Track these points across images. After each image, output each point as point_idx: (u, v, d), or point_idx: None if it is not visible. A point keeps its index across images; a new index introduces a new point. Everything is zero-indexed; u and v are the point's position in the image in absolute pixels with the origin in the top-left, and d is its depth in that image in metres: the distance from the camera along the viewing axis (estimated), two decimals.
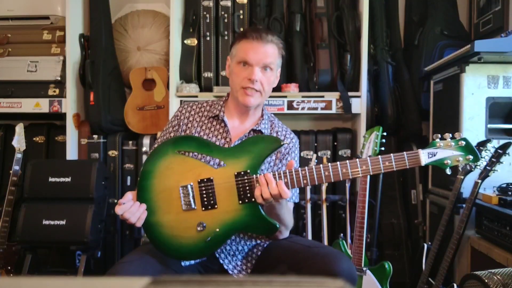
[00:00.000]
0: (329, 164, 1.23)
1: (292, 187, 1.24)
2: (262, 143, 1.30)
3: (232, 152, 1.31)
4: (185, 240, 1.26)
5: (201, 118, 1.49)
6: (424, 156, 1.22)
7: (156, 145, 1.39)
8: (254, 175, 1.25)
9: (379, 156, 1.22)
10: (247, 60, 1.40)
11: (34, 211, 2.31)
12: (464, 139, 1.23)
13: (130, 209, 1.24)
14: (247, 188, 1.25)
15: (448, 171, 1.24)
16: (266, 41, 1.41)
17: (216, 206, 1.26)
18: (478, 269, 1.32)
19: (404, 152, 1.22)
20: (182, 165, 1.30)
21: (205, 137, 1.45)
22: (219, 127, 1.47)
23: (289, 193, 1.22)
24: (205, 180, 1.27)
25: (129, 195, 1.27)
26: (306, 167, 1.24)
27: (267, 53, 1.40)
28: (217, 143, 1.44)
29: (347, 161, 1.23)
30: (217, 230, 1.25)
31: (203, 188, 1.27)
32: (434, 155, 1.22)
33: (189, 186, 1.27)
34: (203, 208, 1.26)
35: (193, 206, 1.26)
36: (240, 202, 1.25)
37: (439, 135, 1.25)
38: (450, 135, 1.24)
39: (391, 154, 1.22)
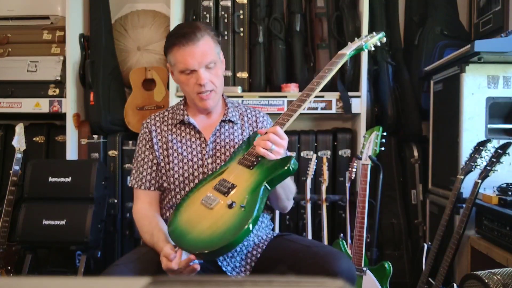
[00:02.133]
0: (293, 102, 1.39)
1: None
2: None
3: (227, 162, 1.39)
4: (230, 223, 1.20)
5: (168, 127, 1.51)
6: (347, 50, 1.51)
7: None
8: (250, 149, 1.34)
9: (320, 73, 1.42)
10: (189, 67, 1.40)
11: (34, 211, 2.31)
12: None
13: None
14: (251, 158, 1.31)
15: (371, 48, 1.55)
16: (197, 40, 1.38)
17: (235, 185, 1.28)
18: (478, 269, 1.31)
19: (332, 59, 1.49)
20: (198, 192, 1.34)
21: (179, 144, 1.48)
22: (189, 130, 1.50)
23: (278, 128, 1.29)
24: (219, 182, 1.31)
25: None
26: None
27: (204, 53, 1.39)
28: (193, 145, 1.48)
29: (304, 92, 1.43)
30: (246, 196, 1.23)
31: (219, 186, 1.30)
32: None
33: (207, 194, 1.29)
34: (226, 195, 1.26)
35: (217, 200, 1.26)
36: (251, 168, 1.29)
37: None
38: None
39: (325, 68, 1.46)
